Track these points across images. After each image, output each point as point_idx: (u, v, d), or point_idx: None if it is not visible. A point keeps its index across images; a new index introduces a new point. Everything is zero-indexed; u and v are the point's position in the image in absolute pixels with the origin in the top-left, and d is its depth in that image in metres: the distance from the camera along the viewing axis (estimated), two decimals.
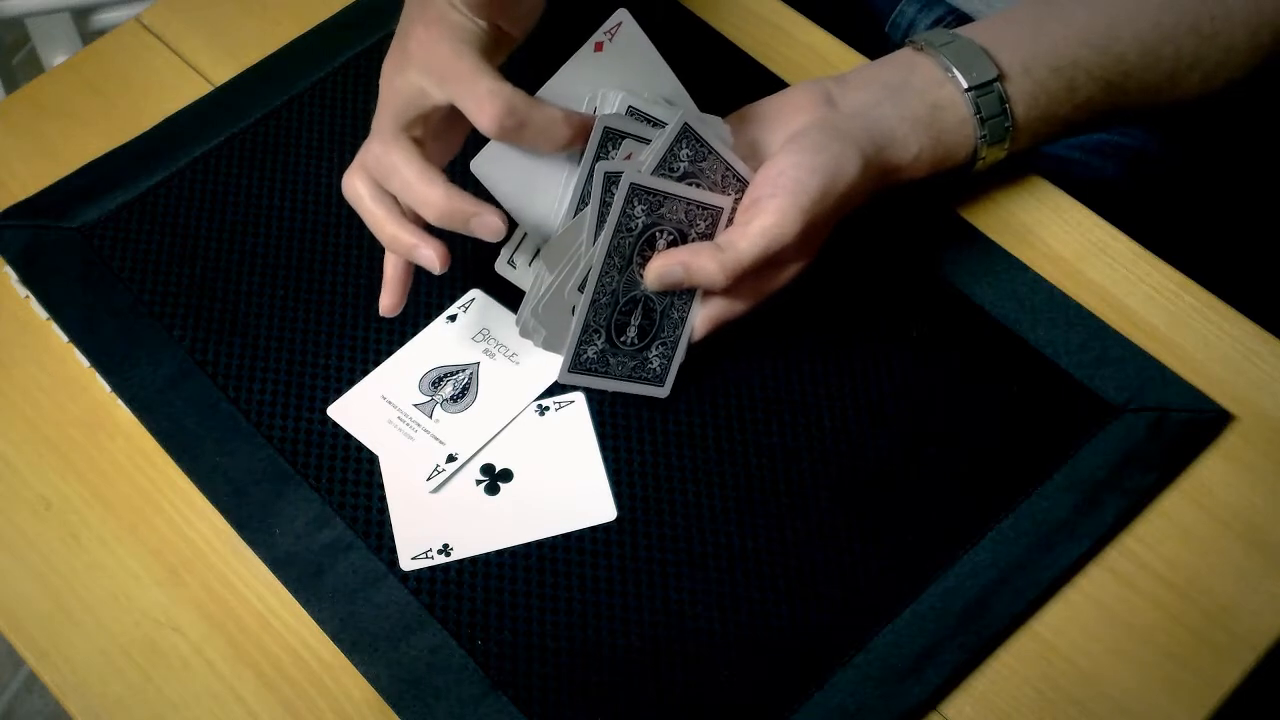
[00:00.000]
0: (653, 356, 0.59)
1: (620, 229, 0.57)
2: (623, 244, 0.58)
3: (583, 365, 0.58)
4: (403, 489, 0.60)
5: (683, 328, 0.60)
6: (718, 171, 0.60)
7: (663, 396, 0.61)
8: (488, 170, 0.58)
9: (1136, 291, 0.66)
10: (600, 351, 0.58)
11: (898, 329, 0.64)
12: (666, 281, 0.58)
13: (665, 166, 0.59)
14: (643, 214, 0.58)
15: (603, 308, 0.58)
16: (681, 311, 0.59)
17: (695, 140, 0.59)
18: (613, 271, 0.58)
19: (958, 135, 0.62)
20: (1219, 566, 0.58)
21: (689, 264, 0.58)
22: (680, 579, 0.58)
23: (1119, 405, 0.62)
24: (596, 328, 0.58)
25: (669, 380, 0.61)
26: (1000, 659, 0.56)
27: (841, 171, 0.59)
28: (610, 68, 0.60)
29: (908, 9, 0.86)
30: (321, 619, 0.57)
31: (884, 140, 0.61)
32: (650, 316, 0.59)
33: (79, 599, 0.58)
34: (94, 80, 0.74)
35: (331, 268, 0.66)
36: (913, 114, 0.62)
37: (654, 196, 0.58)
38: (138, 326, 0.64)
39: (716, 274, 0.57)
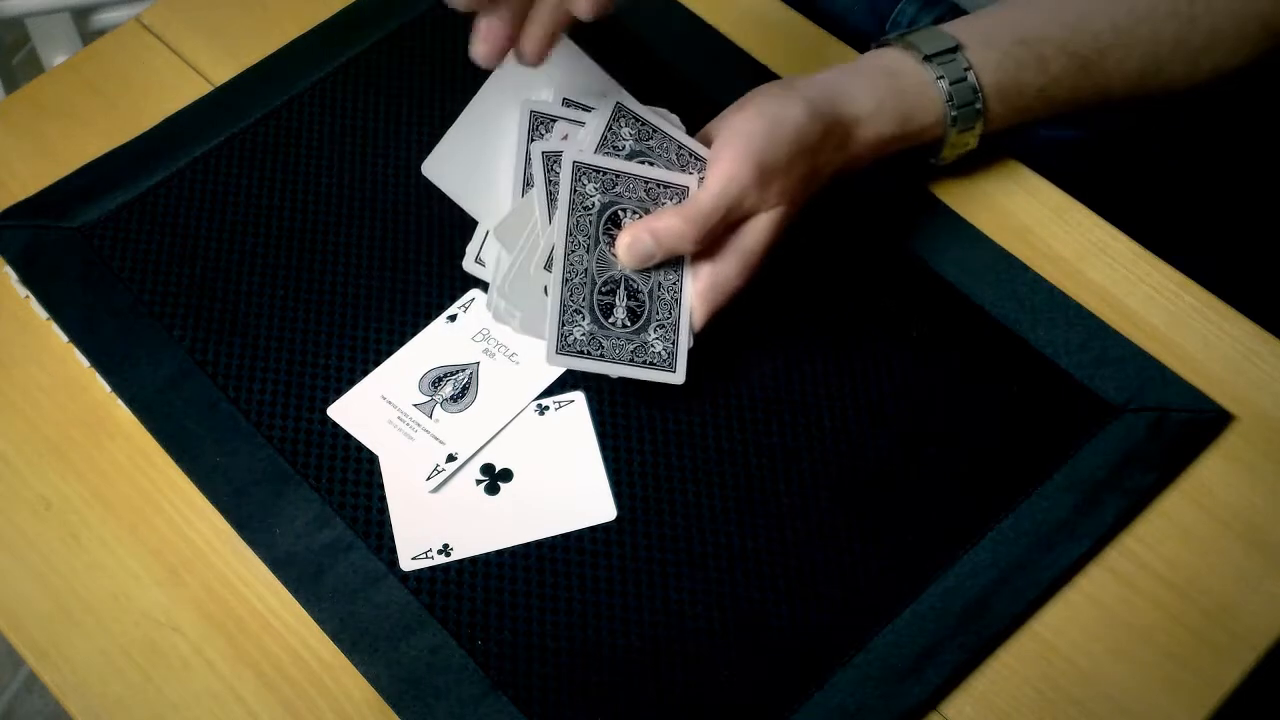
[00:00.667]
0: (653, 340, 0.58)
1: (575, 206, 0.58)
2: (582, 221, 0.58)
3: (571, 347, 0.58)
4: (403, 489, 0.60)
5: (678, 309, 0.59)
6: (670, 150, 0.60)
7: (677, 383, 0.59)
8: (437, 170, 0.62)
9: (1136, 291, 0.66)
10: (588, 334, 0.58)
11: (898, 329, 0.64)
12: (638, 252, 0.58)
13: (608, 145, 0.59)
14: (596, 192, 0.58)
15: (578, 287, 0.58)
16: (672, 292, 0.59)
17: (635, 119, 0.60)
18: (579, 250, 0.58)
19: (921, 97, 0.63)
20: (1219, 566, 0.58)
21: (653, 227, 0.58)
22: (680, 579, 0.58)
23: (1119, 405, 0.62)
24: (577, 308, 0.57)
25: (679, 364, 0.59)
26: (1000, 659, 0.56)
27: (785, 114, 0.59)
28: (541, 75, 0.61)
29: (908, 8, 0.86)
30: (321, 619, 0.57)
31: (833, 92, 0.62)
32: (637, 298, 0.58)
33: (79, 599, 0.58)
34: (94, 80, 0.74)
35: (331, 268, 0.66)
36: (868, 78, 0.63)
37: (604, 175, 0.58)
38: (138, 326, 0.64)
39: (683, 229, 0.58)
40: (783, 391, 0.63)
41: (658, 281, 0.59)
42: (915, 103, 0.63)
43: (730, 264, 0.60)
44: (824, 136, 0.61)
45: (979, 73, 0.63)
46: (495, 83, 0.62)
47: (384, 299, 0.65)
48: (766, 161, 0.59)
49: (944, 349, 0.64)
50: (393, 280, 0.66)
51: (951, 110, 0.63)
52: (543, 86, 0.62)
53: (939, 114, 0.63)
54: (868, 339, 0.64)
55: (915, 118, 0.63)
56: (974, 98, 0.63)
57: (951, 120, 0.63)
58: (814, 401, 0.62)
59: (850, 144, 0.62)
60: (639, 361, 0.58)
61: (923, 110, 0.63)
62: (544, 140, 0.60)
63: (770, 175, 0.59)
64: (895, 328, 0.64)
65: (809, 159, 0.61)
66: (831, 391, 0.63)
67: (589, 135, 0.60)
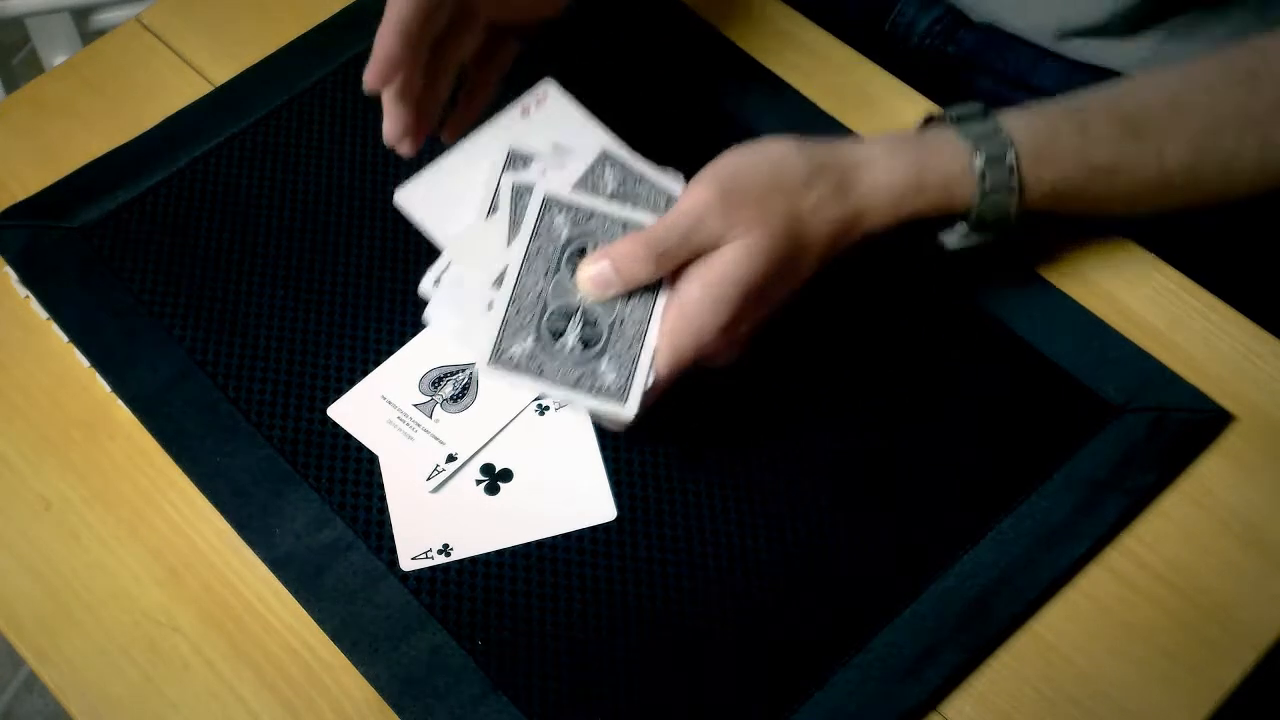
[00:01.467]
0: (605, 369, 0.55)
1: (538, 234, 0.56)
2: (544, 249, 0.56)
3: (508, 361, 0.55)
4: (403, 489, 0.60)
5: (641, 345, 0.55)
6: (658, 199, 0.59)
7: (627, 416, 0.55)
8: (409, 202, 0.62)
9: (1136, 291, 0.66)
10: (529, 353, 0.55)
11: (897, 328, 0.64)
12: (596, 279, 0.55)
13: (586, 185, 0.58)
14: (565, 225, 0.57)
15: (526, 308, 0.56)
16: (638, 328, 0.56)
17: (619, 165, 0.59)
18: (534, 275, 0.56)
19: (942, 145, 0.59)
20: (1219, 566, 0.58)
21: (610, 252, 0.55)
22: (680, 579, 0.58)
23: (1119, 405, 0.62)
24: (520, 325, 0.56)
25: (631, 397, 0.55)
26: (1000, 659, 0.56)
27: (765, 146, 0.57)
28: (535, 129, 0.61)
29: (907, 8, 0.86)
30: (321, 619, 0.57)
31: (837, 142, 0.58)
32: (594, 327, 0.56)
33: (79, 599, 0.58)
34: (94, 80, 0.74)
35: (331, 268, 0.66)
36: (883, 136, 0.60)
37: (576, 210, 0.57)
38: (138, 326, 0.64)
39: (636, 250, 0.54)
40: (782, 391, 0.63)
41: (621, 317, 0.56)
42: (935, 150, 0.58)
43: (696, 295, 0.55)
44: (814, 174, 0.56)
45: (1011, 130, 0.58)
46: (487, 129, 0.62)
47: (384, 299, 0.65)
48: (731, 186, 0.55)
49: (944, 349, 0.64)
50: (393, 280, 0.66)
51: (979, 161, 0.57)
52: (535, 136, 0.62)
53: (964, 165, 0.58)
54: (867, 339, 0.64)
55: (934, 165, 0.58)
56: (1004, 151, 0.58)
57: (980, 176, 0.58)
58: (814, 401, 0.62)
59: (854, 189, 0.57)
60: (583, 387, 0.55)
61: (944, 157, 0.58)
62: (518, 174, 0.59)
63: (736, 200, 0.55)
64: (895, 327, 0.64)
65: (791, 194, 0.56)
66: (831, 391, 0.63)
67: (567, 174, 0.59)
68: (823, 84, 0.73)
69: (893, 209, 0.58)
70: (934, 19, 0.84)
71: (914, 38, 0.85)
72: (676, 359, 0.55)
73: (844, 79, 0.73)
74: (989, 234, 0.60)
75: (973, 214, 0.59)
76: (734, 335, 0.57)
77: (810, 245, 0.57)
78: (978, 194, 0.58)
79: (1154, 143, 0.60)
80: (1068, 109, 0.61)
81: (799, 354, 0.64)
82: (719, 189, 0.55)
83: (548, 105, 0.63)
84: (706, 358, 0.56)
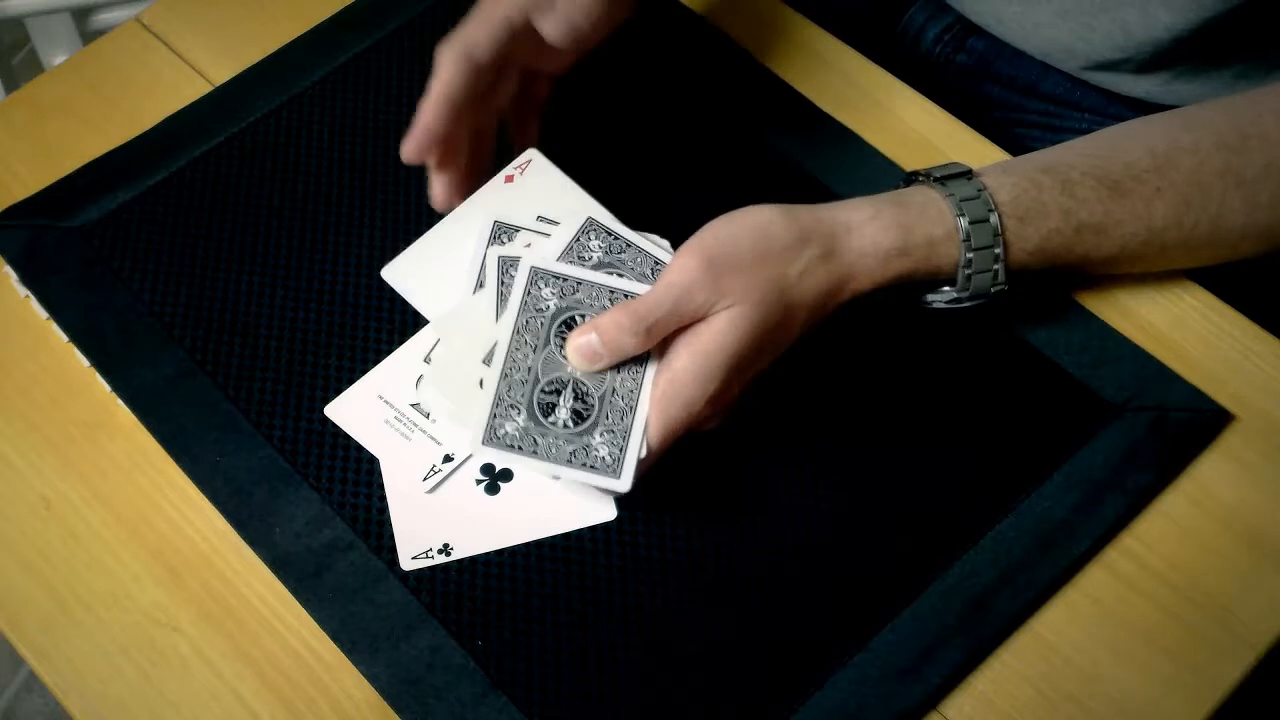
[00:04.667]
0: (598, 443, 0.55)
1: (526, 308, 0.56)
2: (532, 323, 0.56)
3: (501, 440, 0.55)
4: (402, 489, 0.60)
5: (632, 416, 0.55)
6: (645, 265, 0.58)
7: (621, 490, 0.54)
8: (397, 278, 0.62)
9: (1136, 291, 0.66)
10: (522, 429, 0.55)
11: (897, 328, 0.64)
12: (583, 350, 0.55)
13: (573, 255, 0.58)
14: (553, 296, 0.56)
15: (517, 384, 0.55)
16: (628, 400, 0.55)
17: (606, 233, 0.59)
18: (524, 349, 0.56)
19: (927, 207, 0.58)
20: (1219, 566, 0.58)
21: (597, 323, 0.55)
22: (680, 579, 0.58)
23: (1119, 405, 0.62)
24: (513, 403, 0.55)
25: (624, 471, 0.54)
26: (1000, 659, 0.56)
27: (751, 214, 0.56)
28: (520, 197, 0.61)
29: (917, 15, 0.86)
30: (321, 619, 0.57)
31: (823, 207, 0.58)
32: (585, 400, 0.55)
33: (79, 599, 0.58)
34: (94, 80, 0.74)
35: (331, 268, 0.66)
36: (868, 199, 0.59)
37: (563, 281, 0.57)
38: (138, 326, 0.64)
39: (623, 321, 0.54)
40: (782, 391, 0.63)
41: (612, 388, 0.56)
42: (920, 213, 0.58)
43: (685, 365, 0.55)
44: (800, 241, 0.56)
45: (994, 192, 0.58)
46: (470, 203, 0.62)
47: (384, 298, 0.65)
48: (718, 255, 0.55)
49: (944, 349, 0.64)
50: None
51: (964, 223, 0.58)
52: (519, 205, 0.61)
53: (948, 228, 0.58)
54: (867, 339, 0.64)
55: (919, 228, 0.58)
56: (987, 214, 0.58)
57: (965, 236, 0.58)
58: (813, 401, 0.62)
59: (840, 253, 0.57)
60: (577, 463, 0.54)
61: (928, 220, 0.58)
62: (504, 247, 0.59)
63: (723, 269, 0.54)
64: (894, 328, 0.64)
65: (778, 262, 0.56)
66: (831, 391, 0.63)
67: (553, 244, 0.58)
68: (831, 90, 0.73)
69: (879, 272, 0.58)
70: (944, 27, 0.85)
71: (923, 45, 0.85)
72: (667, 429, 0.55)
73: (852, 85, 0.73)
74: (976, 297, 0.60)
75: (959, 275, 0.59)
76: (723, 402, 0.57)
77: (797, 311, 0.57)
78: (962, 256, 0.58)
79: (1141, 202, 0.59)
80: (1051, 167, 0.60)
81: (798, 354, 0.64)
82: (706, 259, 0.55)
83: (531, 173, 0.62)
84: (696, 425, 0.57)
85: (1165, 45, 0.71)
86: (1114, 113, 0.79)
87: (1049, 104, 0.82)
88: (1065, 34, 0.75)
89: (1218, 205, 0.60)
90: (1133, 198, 0.59)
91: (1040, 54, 0.79)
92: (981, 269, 0.59)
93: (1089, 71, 0.77)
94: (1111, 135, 0.62)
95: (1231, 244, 0.62)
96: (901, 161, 0.69)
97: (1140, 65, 0.74)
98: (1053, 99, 0.81)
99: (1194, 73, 0.74)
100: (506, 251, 0.59)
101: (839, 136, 0.71)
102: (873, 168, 0.69)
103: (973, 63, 0.84)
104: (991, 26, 0.80)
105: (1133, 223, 0.60)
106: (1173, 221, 0.60)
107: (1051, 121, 0.81)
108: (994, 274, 0.59)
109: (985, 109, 0.84)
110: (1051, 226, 0.59)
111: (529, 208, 0.61)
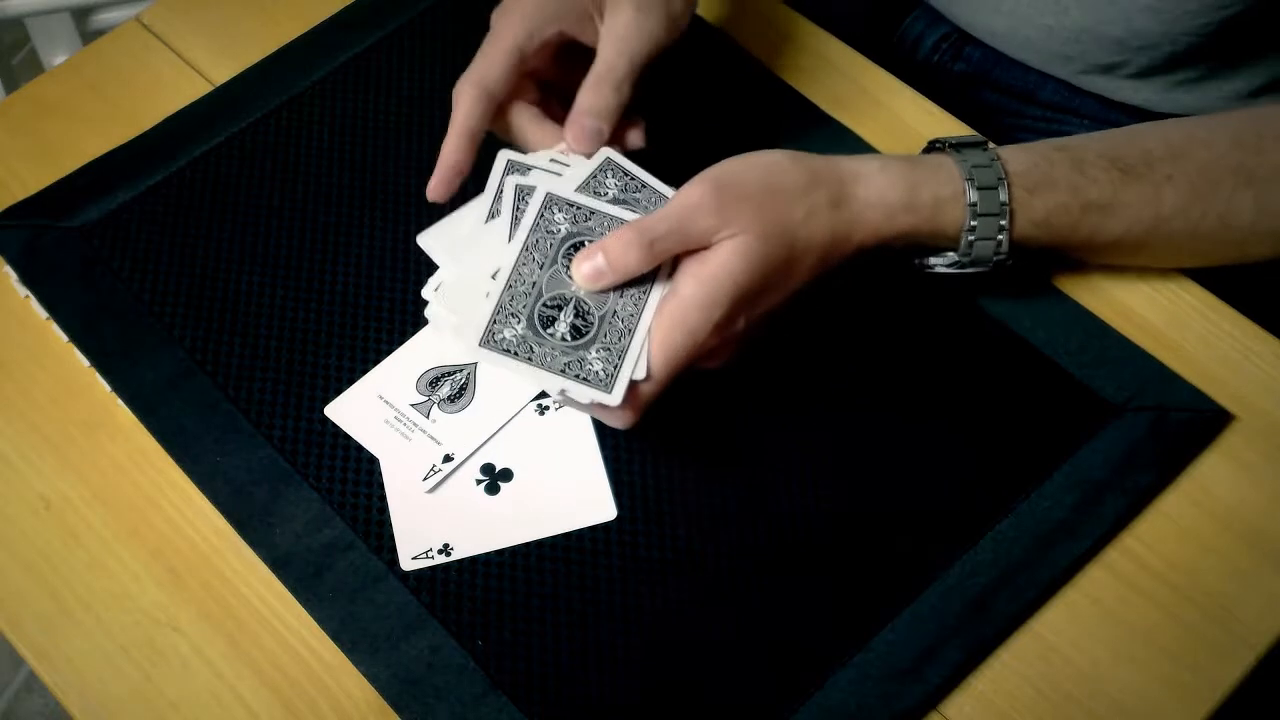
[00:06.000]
0: (593, 358, 0.55)
1: (537, 228, 0.57)
2: (542, 242, 0.57)
3: (498, 344, 0.55)
4: (402, 489, 0.60)
5: (630, 338, 0.55)
6: (657, 205, 0.58)
7: (612, 404, 0.54)
8: (432, 244, 0.63)
9: (1136, 291, 0.66)
10: (520, 336, 0.55)
11: (897, 328, 0.64)
12: (590, 272, 0.55)
13: (589, 190, 0.58)
14: (565, 222, 0.57)
15: (520, 295, 0.56)
16: (628, 322, 0.56)
17: (622, 171, 0.59)
18: (531, 264, 0.56)
19: (936, 169, 0.59)
20: (1219, 566, 0.58)
21: (603, 243, 0.55)
22: (680, 579, 0.58)
23: (1119, 405, 0.62)
24: (514, 312, 0.56)
25: (616, 387, 0.55)
26: (1000, 659, 0.56)
27: (762, 154, 0.57)
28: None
29: (915, 23, 0.86)
30: (321, 619, 0.57)
31: (829, 156, 0.59)
32: (585, 318, 0.56)
33: (79, 599, 0.58)
34: (94, 80, 0.74)
35: (331, 268, 0.66)
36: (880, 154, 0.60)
37: (577, 209, 0.57)
38: (138, 326, 0.64)
39: (629, 238, 0.54)
40: (782, 391, 0.63)
41: (613, 310, 0.56)
42: (931, 173, 0.59)
43: (691, 291, 0.55)
44: (810, 184, 0.57)
45: (1006, 162, 0.59)
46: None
47: (384, 298, 0.65)
48: (726, 183, 0.55)
49: (944, 349, 0.64)
50: (393, 280, 0.66)
51: (971, 190, 0.58)
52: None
53: (956, 190, 0.58)
54: (867, 339, 0.64)
55: (926, 186, 0.58)
56: (996, 181, 0.58)
57: (972, 201, 0.58)
58: (813, 401, 0.62)
59: (848, 201, 0.57)
60: (571, 374, 0.55)
61: (938, 180, 0.58)
62: (521, 177, 0.60)
63: (730, 199, 0.55)
64: (894, 327, 0.64)
65: (786, 200, 0.56)
66: (830, 391, 0.63)
67: (570, 176, 0.59)
68: (831, 90, 0.73)
69: (885, 226, 0.58)
70: (941, 35, 0.85)
71: (921, 53, 0.86)
72: (671, 355, 0.55)
73: (852, 85, 0.73)
74: (978, 264, 0.60)
75: (961, 239, 0.59)
76: (726, 335, 0.56)
77: (802, 254, 0.57)
78: (967, 220, 0.59)
79: (1150, 187, 0.60)
80: (1063, 146, 0.61)
81: (799, 354, 0.64)
82: (714, 187, 0.55)
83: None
84: (700, 358, 0.56)
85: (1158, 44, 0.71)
86: (1113, 119, 0.79)
87: (1047, 110, 0.82)
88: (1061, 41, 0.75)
89: (1226, 201, 0.60)
90: (1143, 182, 0.60)
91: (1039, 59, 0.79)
92: (985, 235, 0.59)
93: (1086, 76, 0.77)
94: (1131, 128, 0.63)
95: (1239, 243, 0.62)
96: None
97: (1138, 70, 0.74)
98: (1051, 105, 0.81)
99: (1195, 83, 0.74)
100: (524, 180, 0.59)
101: (839, 136, 0.71)
102: None
103: (971, 70, 0.84)
104: (985, 38, 0.80)
105: (1140, 207, 0.60)
106: (1180, 211, 0.60)
107: (1051, 128, 0.82)
108: (998, 243, 0.59)
109: (983, 116, 0.84)
110: (1059, 201, 0.59)
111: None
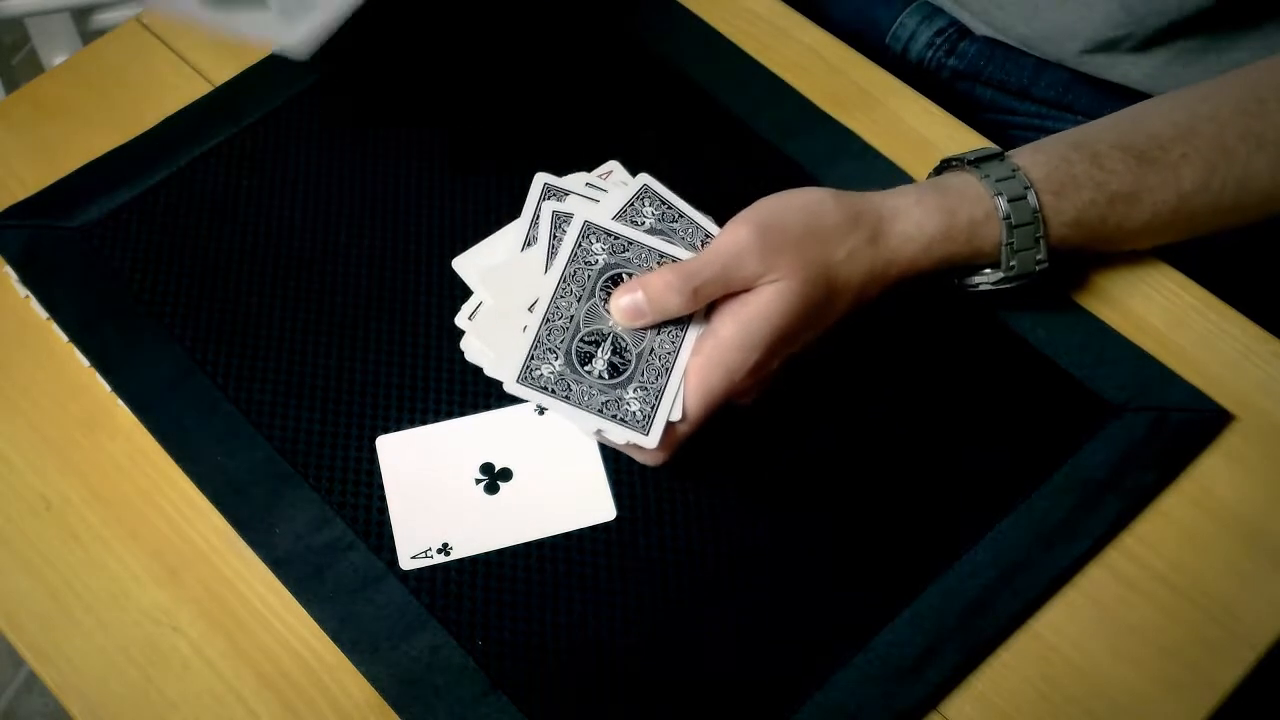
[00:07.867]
0: (630, 398, 0.55)
1: (575, 259, 0.57)
2: (580, 274, 0.57)
3: (535, 381, 0.55)
4: (403, 489, 0.60)
5: (667, 378, 0.56)
6: (696, 236, 0.59)
7: (648, 446, 0.55)
8: (465, 269, 0.64)
9: (1136, 291, 0.66)
10: (558, 374, 0.55)
11: (897, 328, 0.64)
12: (627, 307, 0.56)
13: (626, 218, 0.59)
14: (603, 252, 0.57)
15: (558, 330, 0.56)
16: (665, 360, 0.56)
17: (660, 201, 0.59)
18: (568, 297, 0.57)
19: (966, 190, 0.60)
20: (1219, 566, 0.58)
21: (644, 280, 0.56)
22: (680, 579, 0.58)
23: (1119, 405, 0.62)
24: (551, 347, 0.56)
25: (654, 429, 0.55)
26: (1000, 659, 0.56)
27: (802, 193, 0.58)
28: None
29: (909, 21, 0.86)
30: (321, 619, 0.57)
31: (866, 193, 0.60)
32: (623, 355, 0.56)
33: (79, 599, 0.58)
34: (94, 80, 0.74)
35: (331, 268, 0.66)
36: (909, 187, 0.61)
37: (614, 239, 0.57)
38: (138, 326, 0.64)
39: (671, 281, 0.55)
40: (781, 392, 0.63)
41: (650, 347, 0.56)
42: (961, 196, 0.60)
43: (731, 332, 0.55)
44: (850, 223, 0.58)
45: (1028, 170, 0.60)
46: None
47: (384, 299, 0.65)
48: (770, 226, 0.56)
49: (944, 349, 0.64)
50: (393, 280, 0.66)
51: (1003, 202, 0.59)
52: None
53: (988, 209, 0.59)
54: (867, 339, 0.64)
55: (961, 210, 0.59)
56: (1024, 191, 0.59)
57: (1005, 215, 0.59)
58: (813, 401, 0.62)
59: (886, 237, 0.59)
60: (608, 414, 0.55)
61: (969, 203, 0.59)
62: (557, 203, 0.60)
63: (774, 243, 0.55)
64: (894, 328, 0.64)
65: (827, 242, 0.57)
66: (830, 391, 0.63)
67: (607, 205, 0.59)
68: (831, 90, 0.73)
69: (923, 256, 0.59)
70: (936, 31, 0.85)
71: (914, 50, 0.85)
72: (708, 395, 0.56)
73: (852, 85, 0.73)
74: (1021, 277, 0.61)
75: (1002, 255, 0.60)
76: (762, 375, 0.57)
77: (842, 291, 0.58)
78: (1005, 235, 0.60)
79: (1168, 169, 0.61)
80: (1077, 143, 0.62)
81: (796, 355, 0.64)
82: (758, 230, 0.56)
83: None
84: (735, 395, 0.57)
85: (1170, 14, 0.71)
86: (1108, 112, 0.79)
87: (1041, 106, 0.82)
88: (1067, 13, 0.75)
89: (1243, 167, 0.61)
90: (1160, 165, 0.61)
91: (1040, 38, 0.78)
92: (1024, 246, 0.60)
93: (1087, 56, 0.77)
94: (1132, 112, 0.64)
95: (1259, 205, 0.63)
96: (901, 161, 0.69)
97: (1140, 42, 0.74)
98: (1045, 102, 0.81)
99: (1192, 55, 0.74)
100: (561, 208, 0.59)
101: (839, 136, 0.71)
102: (872, 168, 0.69)
103: (964, 67, 0.84)
104: (991, 14, 0.80)
105: (1162, 189, 0.61)
106: (1200, 185, 0.61)
107: (1045, 125, 0.82)
108: (1036, 251, 0.60)
109: (977, 113, 0.84)
110: (1086, 199, 0.60)
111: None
